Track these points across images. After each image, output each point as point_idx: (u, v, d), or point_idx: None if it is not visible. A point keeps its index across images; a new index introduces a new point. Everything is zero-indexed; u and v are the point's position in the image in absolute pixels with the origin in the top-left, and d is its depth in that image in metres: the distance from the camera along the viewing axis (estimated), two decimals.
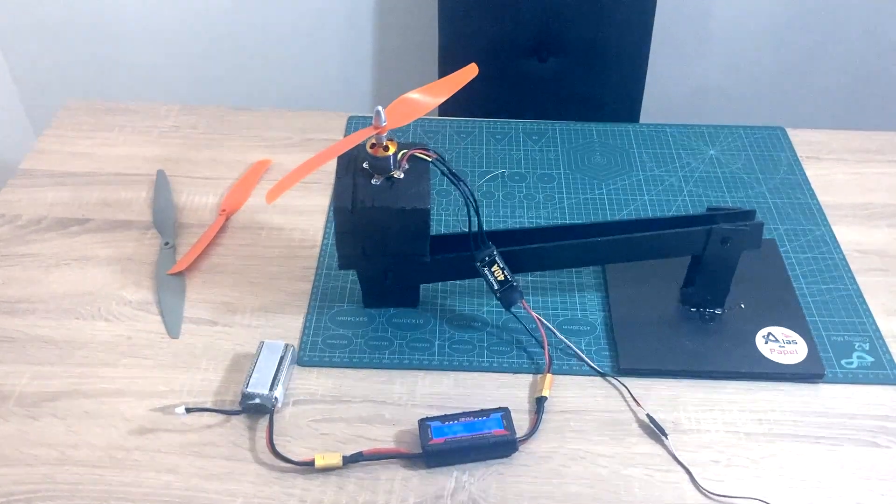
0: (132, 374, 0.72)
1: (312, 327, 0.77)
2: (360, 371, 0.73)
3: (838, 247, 0.87)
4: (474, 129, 1.03)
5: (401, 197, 0.69)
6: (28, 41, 1.63)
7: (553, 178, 0.95)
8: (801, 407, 0.71)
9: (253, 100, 1.70)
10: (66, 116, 1.03)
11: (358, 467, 0.66)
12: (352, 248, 0.72)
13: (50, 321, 0.77)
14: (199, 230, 0.87)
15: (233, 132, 1.02)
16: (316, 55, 1.65)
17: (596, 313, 0.79)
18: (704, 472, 0.66)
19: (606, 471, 0.66)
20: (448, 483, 0.65)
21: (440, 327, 0.77)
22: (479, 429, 0.66)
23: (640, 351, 0.74)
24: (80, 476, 0.65)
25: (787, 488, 0.65)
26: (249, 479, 0.65)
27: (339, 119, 1.04)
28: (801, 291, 0.81)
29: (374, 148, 0.69)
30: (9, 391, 0.71)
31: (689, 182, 0.95)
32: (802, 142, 1.02)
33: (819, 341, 0.76)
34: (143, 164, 0.96)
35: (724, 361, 0.74)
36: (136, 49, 1.64)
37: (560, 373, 0.73)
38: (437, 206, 0.91)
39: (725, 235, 0.73)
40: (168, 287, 0.80)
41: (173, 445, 0.67)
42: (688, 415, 0.70)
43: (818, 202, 0.93)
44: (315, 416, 0.69)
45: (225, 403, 0.70)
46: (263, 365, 0.70)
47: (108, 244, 0.85)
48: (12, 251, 0.84)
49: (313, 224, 0.88)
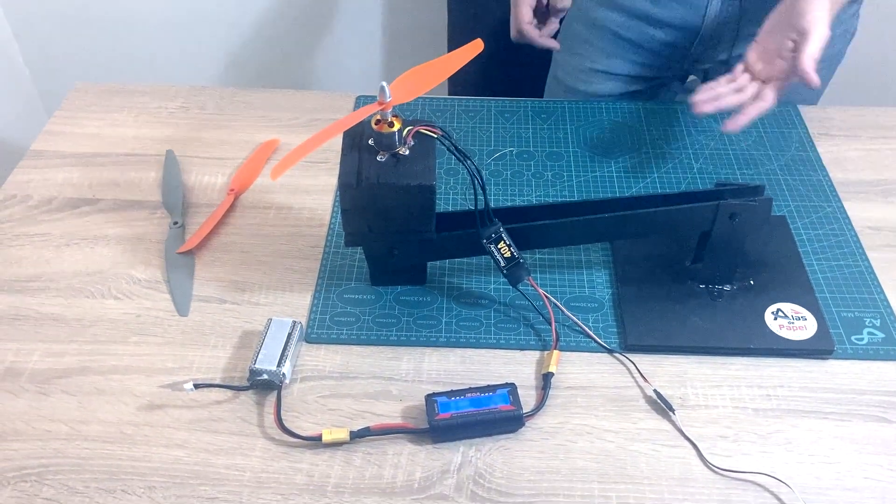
0: (141, 352, 0.73)
1: (320, 305, 0.77)
2: (368, 348, 0.74)
3: (850, 223, 0.86)
4: (482, 107, 1.03)
5: (406, 173, 0.69)
6: (40, 25, 1.64)
7: (562, 157, 0.95)
8: (810, 383, 0.71)
9: (261, 81, 1.71)
10: (76, 98, 1.04)
11: (365, 442, 0.66)
12: (357, 224, 0.72)
13: (61, 299, 0.78)
14: (207, 210, 0.87)
15: (241, 113, 1.02)
16: (324, 35, 1.65)
17: (603, 290, 0.79)
18: (712, 447, 0.66)
19: (613, 446, 0.66)
20: (454, 458, 0.65)
21: (447, 304, 0.77)
22: (485, 404, 0.66)
23: (647, 327, 0.74)
24: (90, 451, 0.65)
25: (796, 463, 0.65)
26: (257, 454, 0.65)
27: (347, 99, 1.04)
28: (811, 268, 0.81)
29: (379, 124, 0.69)
30: (21, 368, 0.71)
31: (698, 159, 0.94)
32: (814, 118, 1.01)
33: (829, 317, 0.76)
34: (152, 145, 0.96)
35: (732, 338, 0.73)
36: (146, 31, 1.65)
37: (567, 349, 0.73)
38: (445, 184, 0.91)
39: (734, 211, 0.73)
40: (177, 266, 0.81)
41: (182, 421, 0.68)
42: (695, 391, 0.70)
43: (829, 179, 0.92)
44: (323, 392, 0.70)
45: (233, 380, 0.71)
46: (271, 342, 0.70)
47: (118, 224, 0.86)
48: (24, 231, 0.85)
49: (321, 203, 0.89)
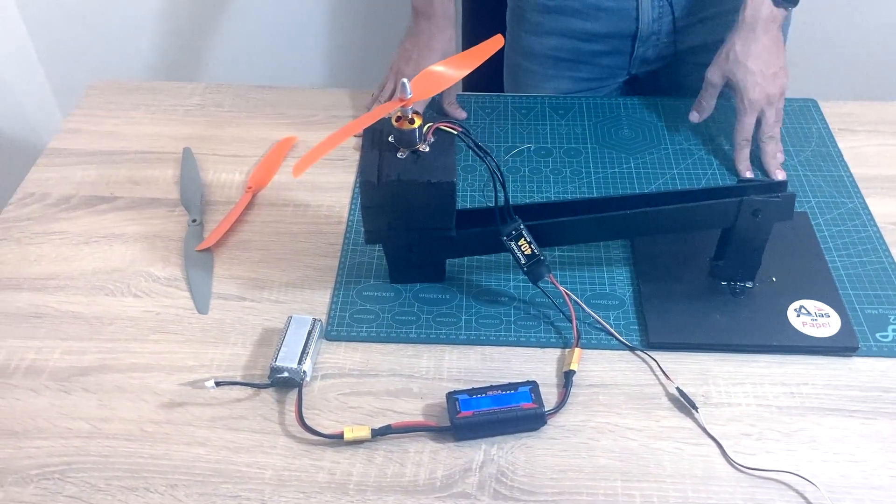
0: (162, 349, 0.73)
1: (340, 302, 0.77)
2: (388, 345, 0.73)
3: (872, 219, 0.85)
4: (499, 103, 1.02)
5: (426, 170, 0.68)
6: (54, 23, 1.64)
7: (580, 153, 0.94)
8: (834, 380, 0.70)
9: (277, 77, 1.70)
10: (93, 96, 1.04)
11: (386, 440, 0.66)
12: (378, 222, 0.72)
13: (80, 297, 0.78)
14: (225, 207, 0.87)
15: (257, 110, 1.02)
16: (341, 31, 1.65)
17: (624, 287, 0.78)
18: (735, 445, 0.65)
19: (636, 444, 0.66)
20: (476, 456, 0.65)
21: (467, 302, 0.77)
22: (507, 402, 0.66)
23: (669, 325, 0.74)
24: (112, 449, 0.65)
25: (821, 462, 0.64)
26: (279, 452, 0.65)
27: (363, 96, 1.04)
28: (833, 264, 0.80)
29: (400, 121, 0.68)
30: (42, 366, 0.72)
31: (718, 155, 0.94)
32: (834, 113, 1.00)
33: (853, 314, 0.75)
34: (169, 143, 0.96)
35: (755, 335, 0.73)
36: (160, 29, 1.65)
37: (588, 347, 0.73)
38: (463, 181, 0.91)
39: (757, 207, 0.72)
40: (196, 263, 0.80)
41: (203, 419, 0.68)
42: (718, 388, 0.70)
43: (851, 174, 0.91)
44: (343, 390, 0.70)
45: (254, 377, 0.71)
46: (292, 339, 0.70)
47: (136, 222, 0.86)
48: (43, 229, 0.85)
49: (339, 200, 0.88)
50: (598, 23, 1.01)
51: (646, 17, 0.99)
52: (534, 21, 1.04)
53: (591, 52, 1.03)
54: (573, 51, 1.04)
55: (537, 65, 1.07)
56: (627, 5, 0.99)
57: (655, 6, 0.99)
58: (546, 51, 1.05)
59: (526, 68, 1.08)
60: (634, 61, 1.05)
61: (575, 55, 1.04)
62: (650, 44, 1.02)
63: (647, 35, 1.01)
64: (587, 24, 1.01)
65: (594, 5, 0.99)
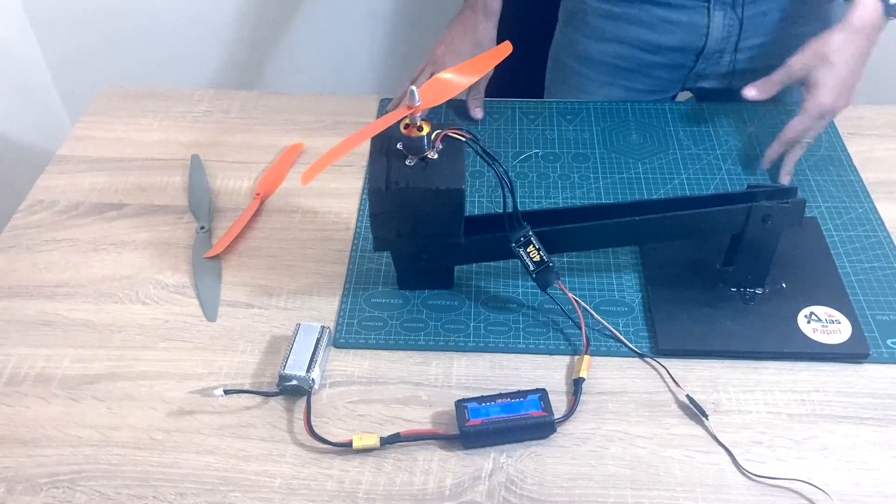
0: (170, 357, 0.73)
1: (348, 309, 0.77)
2: (396, 353, 0.73)
3: (882, 224, 0.85)
4: (507, 109, 1.02)
5: (435, 177, 0.68)
6: (62, 30, 1.65)
7: (588, 158, 0.94)
8: (846, 387, 0.70)
9: (284, 84, 1.71)
10: (101, 103, 1.04)
11: (395, 448, 0.66)
12: (386, 229, 0.72)
13: (89, 305, 0.78)
14: (234, 214, 0.87)
15: (265, 116, 1.02)
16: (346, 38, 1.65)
17: (633, 294, 0.78)
18: (746, 453, 0.65)
19: (646, 452, 0.65)
20: (486, 464, 0.65)
21: (475, 309, 0.77)
22: (516, 410, 0.66)
23: (678, 331, 0.73)
24: (121, 457, 0.65)
25: (832, 470, 0.64)
26: (288, 460, 0.65)
27: (371, 102, 1.04)
28: (843, 270, 0.79)
29: (408, 128, 0.68)
30: (51, 374, 0.72)
31: (727, 160, 0.93)
32: (843, 118, 0.99)
33: (863, 321, 0.74)
34: (177, 149, 0.97)
35: (765, 342, 0.72)
36: (168, 35, 1.65)
37: (598, 354, 0.73)
38: (471, 187, 0.90)
39: (766, 213, 0.72)
40: (204, 270, 0.81)
41: (212, 427, 0.68)
42: (728, 396, 0.69)
43: (861, 179, 0.91)
44: (352, 398, 0.70)
45: (262, 385, 0.71)
46: (300, 347, 0.70)
47: (145, 229, 0.86)
48: (51, 236, 0.85)
49: (347, 206, 0.88)
50: (665, 35, 0.99)
51: (716, 33, 0.98)
52: (596, 27, 1.02)
53: (650, 63, 1.02)
54: (633, 60, 1.02)
55: (593, 70, 1.05)
56: (699, 20, 0.97)
57: (726, 24, 0.97)
58: (605, 58, 1.04)
59: (579, 72, 1.06)
60: (692, 76, 1.03)
61: (634, 65, 1.03)
62: (713, 60, 1.01)
63: (713, 52, 1.00)
64: (653, 35, 0.99)
65: (664, 18, 0.98)
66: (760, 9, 0.97)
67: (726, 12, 0.96)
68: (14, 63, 1.62)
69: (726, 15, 0.96)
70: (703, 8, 0.96)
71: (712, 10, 0.96)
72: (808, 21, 0.99)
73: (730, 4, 0.96)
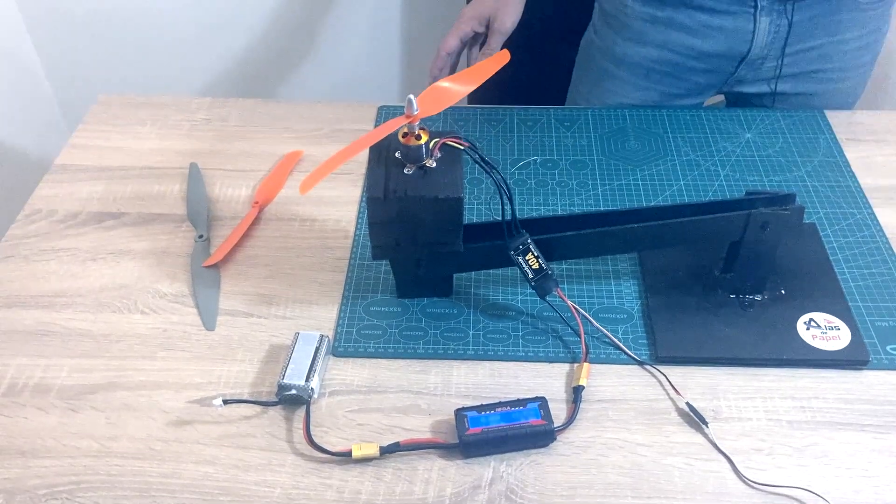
0: (169, 367, 0.73)
1: (347, 318, 0.77)
2: (395, 361, 0.73)
3: (881, 230, 0.85)
4: (504, 116, 1.02)
5: (434, 186, 0.68)
6: (60, 38, 1.65)
7: (586, 165, 0.94)
8: (846, 394, 0.70)
9: (282, 92, 1.71)
10: (100, 111, 1.04)
11: (395, 457, 0.65)
12: (385, 238, 0.71)
13: (87, 315, 0.78)
14: (232, 222, 0.87)
15: (264, 124, 1.02)
16: (344, 46, 1.65)
17: (632, 301, 0.78)
18: (746, 460, 0.65)
19: (646, 460, 0.65)
20: (486, 473, 0.65)
21: (474, 317, 0.77)
22: (516, 418, 0.66)
23: (678, 339, 0.73)
24: (120, 468, 0.65)
25: (833, 477, 0.64)
26: (287, 470, 0.65)
27: (369, 109, 1.04)
28: (843, 276, 0.79)
29: (407, 137, 0.68)
30: (49, 384, 0.71)
31: (725, 166, 0.93)
32: (841, 123, 1.00)
33: (863, 327, 0.74)
34: (175, 158, 0.97)
35: (764, 348, 0.72)
36: (166, 44, 1.65)
37: (597, 361, 0.73)
38: (469, 194, 0.90)
39: (765, 220, 0.72)
40: (203, 279, 0.80)
41: (211, 437, 0.67)
42: (728, 403, 0.69)
43: (859, 185, 0.91)
44: (351, 407, 0.69)
45: (261, 395, 0.70)
46: (299, 356, 0.70)
47: (143, 238, 0.86)
48: (50, 246, 0.85)
49: (346, 215, 0.88)
50: (708, 41, 0.98)
51: (761, 38, 0.96)
52: (636, 29, 1.01)
53: (689, 68, 1.01)
54: (672, 65, 1.02)
55: (629, 73, 1.04)
56: (745, 26, 0.96)
57: (772, 30, 0.96)
58: (644, 61, 1.03)
59: (614, 74, 1.05)
60: (731, 81, 1.03)
61: (672, 69, 1.02)
62: (755, 66, 1.00)
63: (756, 58, 0.99)
64: (696, 40, 0.98)
65: (708, 23, 0.96)
66: (809, 13, 0.96)
67: (773, 18, 0.95)
68: (12, 71, 1.62)
69: (773, 21, 0.96)
70: (749, 14, 0.96)
71: (758, 16, 0.95)
72: (854, 25, 0.98)
73: (777, 10, 0.95)
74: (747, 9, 0.96)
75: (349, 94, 1.72)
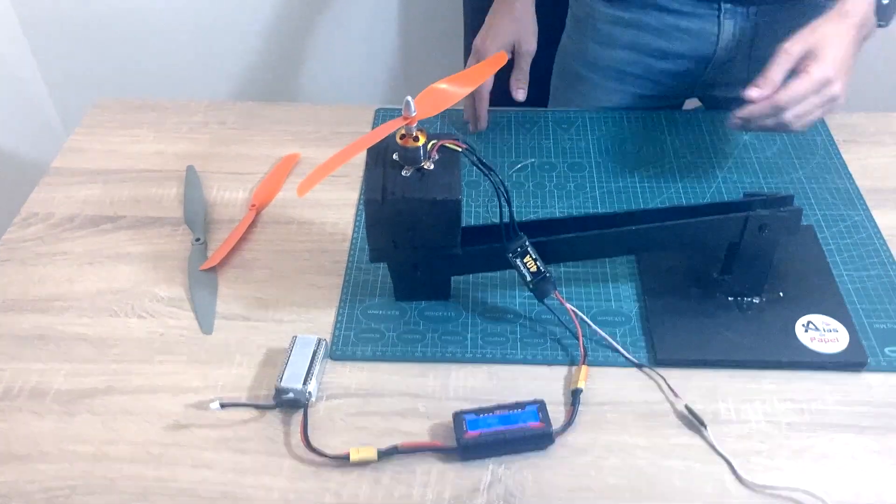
0: (166, 371, 0.73)
1: (344, 321, 0.77)
2: (393, 364, 0.73)
3: (878, 232, 0.85)
4: (502, 118, 1.02)
5: (431, 188, 0.68)
6: (57, 41, 1.65)
7: (584, 167, 0.94)
8: (844, 396, 0.70)
9: (279, 95, 1.71)
10: (97, 114, 1.04)
11: (393, 461, 0.65)
12: (383, 240, 0.71)
13: (84, 318, 0.77)
14: (229, 225, 0.87)
15: (261, 127, 1.02)
16: (341, 48, 1.65)
17: (630, 303, 0.78)
18: (746, 463, 0.65)
19: (645, 463, 0.65)
20: (484, 476, 0.64)
21: (472, 320, 0.76)
22: (514, 421, 0.66)
23: (676, 341, 0.73)
24: (117, 472, 0.65)
25: (833, 479, 0.64)
26: (285, 474, 0.65)
27: (366, 111, 1.04)
28: (840, 278, 0.79)
29: (404, 139, 0.68)
30: (46, 388, 0.71)
31: (722, 168, 0.93)
32: (839, 125, 1.00)
33: (861, 329, 0.74)
34: (172, 161, 0.96)
35: (763, 351, 0.72)
36: (163, 46, 1.65)
37: (595, 364, 0.72)
38: (467, 197, 0.90)
39: (763, 222, 0.72)
40: (200, 283, 0.80)
41: (209, 441, 0.67)
42: (727, 405, 0.69)
43: (857, 187, 0.91)
44: (349, 410, 0.69)
45: (259, 398, 0.70)
46: (296, 359, 0.70)
47: (140, 241, 0.86)
48: (46, 249, 0.85)
49: (343, 217, 0.88)
50: (674, 42, 0.99)
51: (725, 41, 0.97)
52: (605, 32, 1.02)
53: (659, 70, 1.02)
54: (641, 66, 1.02)
55: (600, 76, 1.05)
56: (709, 28, 0.97)
57: (736, 33, 0.96)
58: (613, 63, 1.03)
59: (587, 79, 1.06)
60: (701, 84, 1.03)
61: (642, 71, 1.03)
62: (723, 69, 1.00)
63: (722, 60, 0.99)
64: (662, 41, 0.99)
65: (674, 24, 0.97)
66: (772, 17, 0.96)
67: (737, 20, 0.96)
68: (9, 75, 1.62)
69: (737, 23, 0.96)
70: (714, 16, 0.96)
71: (722, 18, 0.96)
72: None
73: (741, 13, 0.96)
74: (712, 11, 0.96)
75: (346, 96, 1.72)
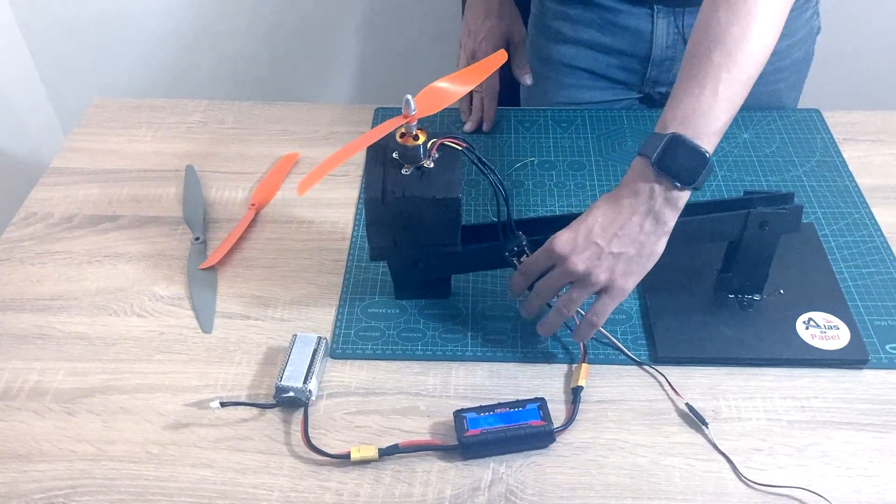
0: (166, 370, 0.72)
1: (344, 320, 0.76)
2: (394, 363, 0.73)
3: (879, 229, 0.85)
4: (502, 117, 1.02)
5: (431, 186, 0.68)
6: (55, 41, 1.64)
7: (584, 166, 0.94)
8: (845, 394, 0.70)
9: (279, 95, 1.70)
10: (95, 114, 1.04)
11: (394, 460, 0.65)
12: (383, 238, 0.71)
13: (83, 318, 0.77)
14: (229, 225, 0.87)
15: (260, 126, 1.01)
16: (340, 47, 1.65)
17: (631, 301, 0.78)
18: (747, 461, 0.65)
19: (646, 460, 0.65)
20: (485, 474, 0.64)
21: (473, 318, 0.76)
22: (515, 420, 0.65)
23: (677, 339, 0.73)
24: (117, 471, 0.65)
25: (834, 477, 0.64)
26: (285, 473, 0.64)
27: (365, 111, 1.04)
28: (841, 276, 0.79)
29: (404, 137, 0.68)
30: (45, 387, 0.71)
31: (723, 167, 0.93)
32: (838, 123, 1.00)
33: (862, 326, 0.74)
34: (171, 160, 0.96)
35: (763, 348, 0.72)
36: (162, 46, 1.65)
37: (596, 362, 0.72)
38: (468, 195, 0.90)
39: (764, 219, 0.72)
40: (199, 282, 0.80)
41: (208, 440, 0.67)
42: (728, 403, 0.69)
43: (856, 184, 0.91)
44: (349, 409, 0.69)
45: (259, 397, 0.70)
46: (297, 358, 0.70)
47: (139, 240, 0.85)
48: (45, 249, 0.85)
49: (343, 216, 0.88)
50: (615, 38, 0.99)
51: (660, 40, 0.97)
52: (554, 28, 1.03)
53: (606, 64, 1.02)
54: (590, 61, 1.03)
55: (554, 72, 1.06)
56: (643, 27, 0.97)
57: (671, 33, 0.97)
58: (563, 59, 1.04)
59: (543, 74, 1.06)
60: (647, 82, 1.03)
61: (591, 66, 1.03)
62: (664, 67, 1.00)
63: (661, 59, 0.99)
64: (604, 37, 1.00)
65: (611, 21, 0.98)
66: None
67: (670, 20, 0.96)
68: (7, 75, 1.62)
69: (670, 23, 0.96)
70: (647, 15, 0.97)
71: (656, 18, 0.96)
72: None
73: (676, 13, 0.96)
74: (645, 10, 0.97)
75: (346, 95, 1.71)
